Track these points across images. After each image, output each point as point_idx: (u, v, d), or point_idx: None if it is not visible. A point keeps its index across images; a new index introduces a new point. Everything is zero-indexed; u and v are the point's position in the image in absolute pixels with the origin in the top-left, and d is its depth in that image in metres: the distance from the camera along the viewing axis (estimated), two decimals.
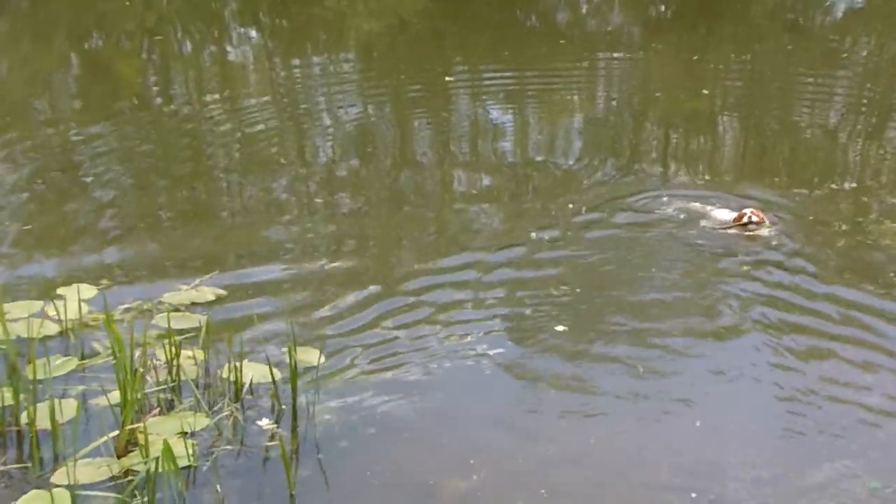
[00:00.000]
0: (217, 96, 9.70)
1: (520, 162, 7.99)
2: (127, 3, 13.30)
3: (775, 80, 10.17)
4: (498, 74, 10.36)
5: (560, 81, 10.22)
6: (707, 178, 7.59)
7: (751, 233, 6.07)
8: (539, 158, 8.04)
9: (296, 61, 11.24)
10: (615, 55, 11.64)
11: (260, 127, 8.55)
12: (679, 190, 7.09)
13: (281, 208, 6.77)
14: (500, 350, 4.94)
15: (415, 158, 8.03)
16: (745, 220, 6.09)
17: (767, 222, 6.13)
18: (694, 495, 3.91)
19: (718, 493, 3.93)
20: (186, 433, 4.07)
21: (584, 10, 14.18)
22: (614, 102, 9.84)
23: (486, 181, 7.45)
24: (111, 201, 6.77)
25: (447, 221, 6.61)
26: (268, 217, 6.58)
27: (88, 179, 7.21)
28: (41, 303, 4.97)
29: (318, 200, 6.92)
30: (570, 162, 7.92)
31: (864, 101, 9.47)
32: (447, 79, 10.06)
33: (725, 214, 6.32)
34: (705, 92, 9.67)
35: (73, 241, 6.07)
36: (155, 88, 10.29)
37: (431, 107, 9.33)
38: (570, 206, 6.64)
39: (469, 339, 5.01)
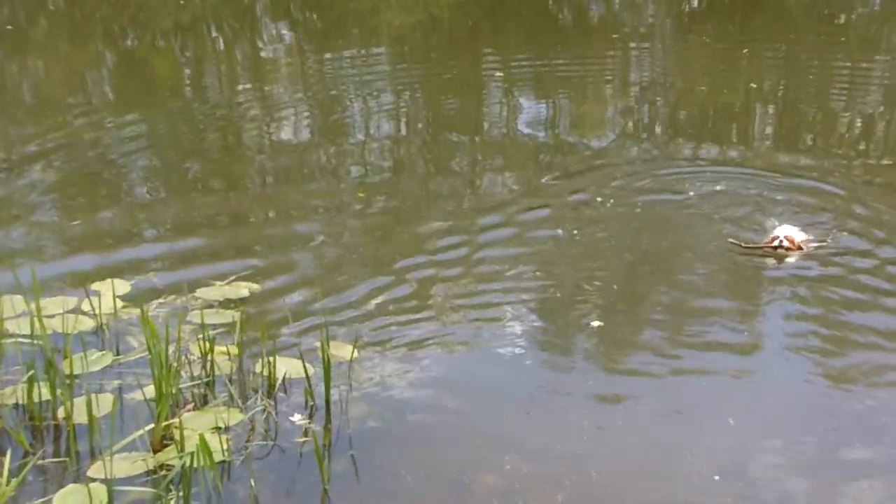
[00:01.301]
0: (250, 91, 9.77)
1: (553, 147, 8.06)
2: None
3: (813, 70, 10.12)
4: (532, 67, 10.40)
5: (595, 73, 10.26)
6: (740, 158, 7.58)
7: (779, 258, 5.61)
8: (573, 143, 8.12)
9: (328, 56, 11.26)
10: (648, 47, 11.64)
11: (292, 121, 8.63)
12: (714, 168, 7.20)
13: (314, 200, 6.79)
14: (533, 342, 4.94)
15: (449, 148, 8.07)
16: (775, 243, 5.65)
17: (803, 248, 5.66)
18: (717, 477, 3.91)
19: (749, 486, 3.90)
20: (220, 428, 4.09)
21: (617, 3, 14.09)
22: (647, 92, 9.79)
23: (521, 167, 7.50)
24: (145, 197, 6.84)
25: (475, 207, 6.61)
26: (301, 210, 6.61)
27: (123, 176, 7.28)
28: (76, 298, 5.01)
29: (351, 193, 6.92)
30: (606, 146, 8.02)
31: None
32: (498, 74, 10.09)
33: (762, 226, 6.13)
34: (753, 85, 9.64)
35: (108, 237, 6.11)
36: (189, 85, 10.37)
37: (465, 99, 9.35)
38: (601, 195, 6.61)
39: (500, 330, 5.01)
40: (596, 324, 5.05)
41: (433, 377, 4.59)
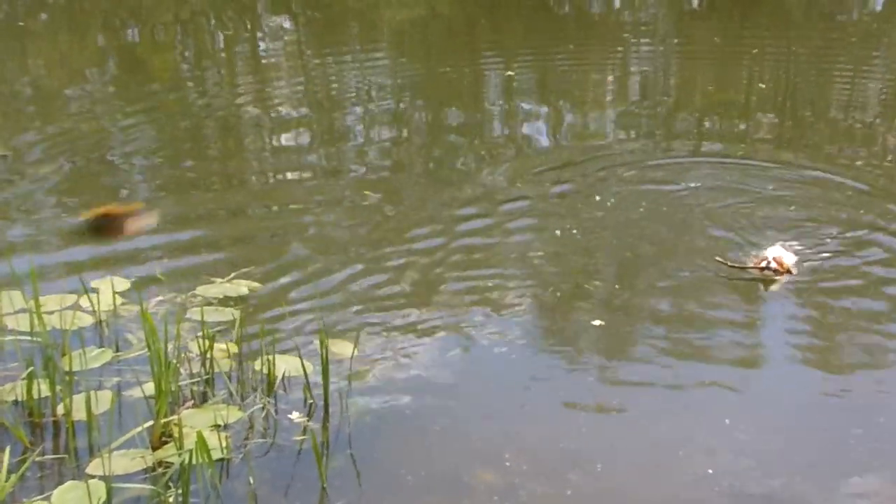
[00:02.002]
0: (250, 84, 9.79)
1: (552, 139, 8.15)
2: None
3: (818, 66, 10.20)
4: (532, 62, 10.44)
5: (596, 68, 10.35)
6: (745, 151, 7.63)
7: (768, 278, 5.34)
8: (573, 136, 8.23)
9: (328, 51, 11.26)
10: (649, 44, 11.67)
11: (292, 113, 8.66)
12: (717, 160, 7.31)
13: (313, 194, 6.80)
14: (532, 339, 4.96)
15: (451, 140, 8.14)
16: (763, 264, 5.33)
17: (793, 270, 5.36)
18: (710, 471, 3.93)
19: (740, 481, 3.92)
20: (220, 426, 4.09)
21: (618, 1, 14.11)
22: (648, 87, 9.84)
23: (521, 159, 7.52)
24: (144, 191, 6.83)
25: (473, 200, 6.63)
26: (300, 204, 6.61)
27: (122, 169, 7.28)
28: (75, 295, 5.00)
29: (352, 187, 6.92)
30: (606, 140, 8.09)
31: None
32: (508, 73, 10.14)
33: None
34: (762, 85, 9.69)
35: None
36: (188, 79, 10.37)
37: (464, 90, 9.40)
38: (601, 192, 6.62)
39: (499, 326, 5.01)
40: (597, 322, 5.05)
41: (432, 374, 4.59)
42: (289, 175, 7.29)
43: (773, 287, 5.37)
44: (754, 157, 7.38)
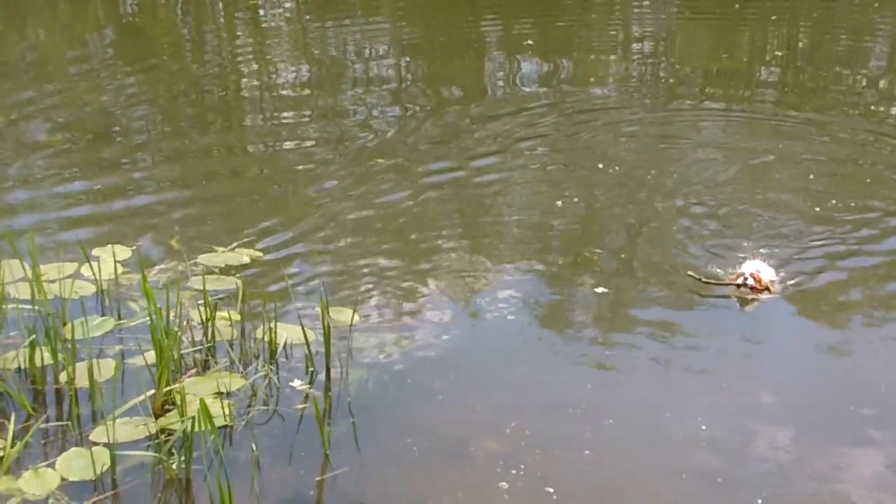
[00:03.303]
0: (251, 55, 9.77)
1: (553, 102, 8.15)
2: None
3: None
4: (533, 29, 10.41)
5: (597, 40, 10.34)
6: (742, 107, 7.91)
7: (745, 296, 4.97)
8: (574, 101, 8.21)
9: (329, 25, 11.20)
10: (646, 13, 11.68)
11: (290, 82, 8.64)
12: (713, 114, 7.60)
13: (312, 161, 6.80)
14: (531, 306, 4.97)
15: (452, 104, 8.18)
16: (739, 280, 4.97)
17: (770, 288, 4.98)
18: (704, 427, 3.92)
19: (735, 435, 3.95)
20: (222, 393, 4.09)
21: None
22: (649, 58, 9.81)
23: (517, 122, 7.54)
24: (145, 162, 6.82)
25: (472, 161, 6.71)
26: (301, 173, 6.61)
27: (122, 140, 7.27)
28: (76, 264, 5.00)
29: (351, 153, 6.92)
30: (611, 103, 8.20)
31: None
32: (497, 34, 10.11)
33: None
34: (778, 53, 9.76)
35: (109, 201, 6.10)
36: (188, 50, 10.33)
37: (464, 55, 9.37)
38: (604, 160, 6.60)
39: (499, 294, 5.03)
40: (600, 290, 5.04)
41: (433, 341, 4.60)
42: (290, 143, 7.29)
43: (754, 304, 5.02)
44: (756, 110, 7.67)
